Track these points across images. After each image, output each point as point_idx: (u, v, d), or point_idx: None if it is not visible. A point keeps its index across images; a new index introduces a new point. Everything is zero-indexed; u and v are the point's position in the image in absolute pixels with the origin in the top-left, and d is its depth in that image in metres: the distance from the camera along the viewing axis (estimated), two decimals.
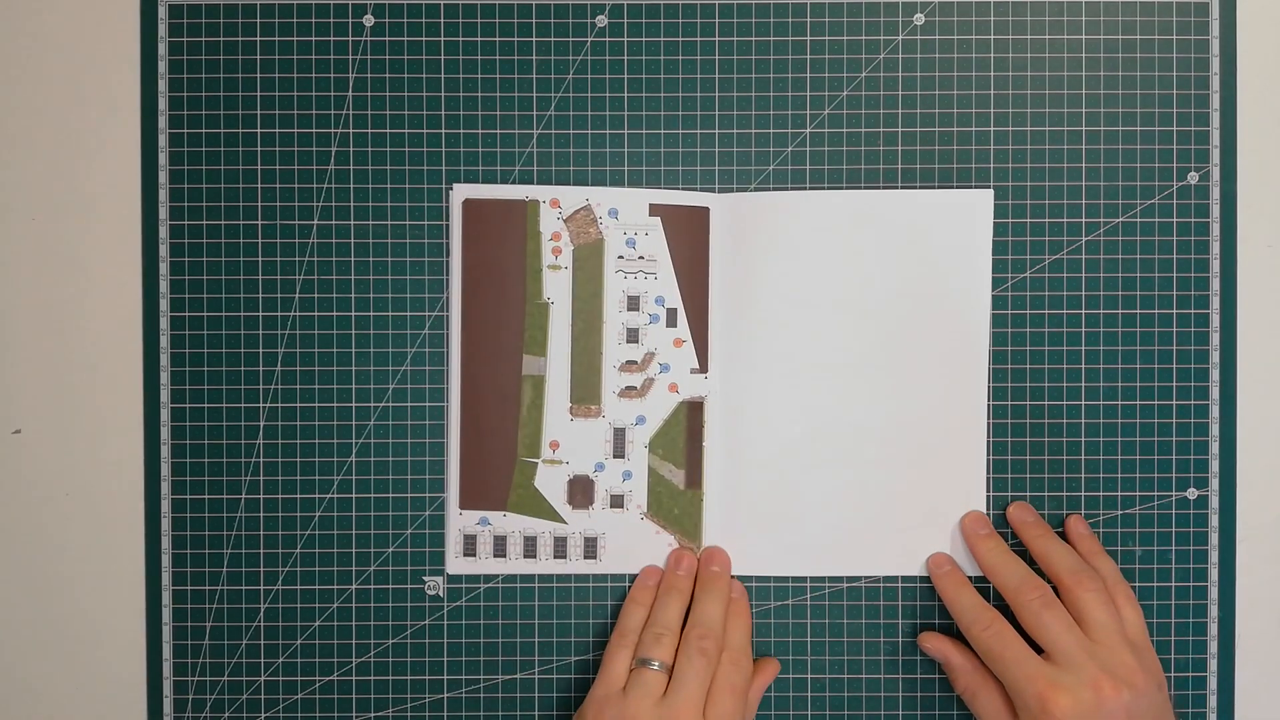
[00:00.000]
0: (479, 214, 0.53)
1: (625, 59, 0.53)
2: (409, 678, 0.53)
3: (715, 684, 0.48)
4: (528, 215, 0.53)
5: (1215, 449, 0.53)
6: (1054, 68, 0.53)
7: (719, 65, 0.53)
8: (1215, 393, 0.53)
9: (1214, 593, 0.53)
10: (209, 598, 0.53)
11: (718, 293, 0.53)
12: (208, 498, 0.53)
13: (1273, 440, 0.53)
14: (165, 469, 0.53)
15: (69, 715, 0.54)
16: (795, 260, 0.52)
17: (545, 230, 0.53)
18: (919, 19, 0.53)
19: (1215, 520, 0.53)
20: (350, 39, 0.53)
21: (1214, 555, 0.53)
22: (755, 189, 0.53)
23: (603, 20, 0.53)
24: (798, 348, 0.53)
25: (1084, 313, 0.53)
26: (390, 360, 0.53)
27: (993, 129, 0.53)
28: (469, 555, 0.53)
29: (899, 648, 0.53)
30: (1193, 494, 0.53)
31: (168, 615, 0.53)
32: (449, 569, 0.53)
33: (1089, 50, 0.53)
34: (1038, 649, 0.48)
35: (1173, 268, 0.53)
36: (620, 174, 0.53)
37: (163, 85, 0.53)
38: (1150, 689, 0.47)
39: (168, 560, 0.53)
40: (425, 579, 0.53)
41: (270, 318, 0.53)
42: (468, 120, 0.53)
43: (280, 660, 0.53)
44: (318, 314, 0.53)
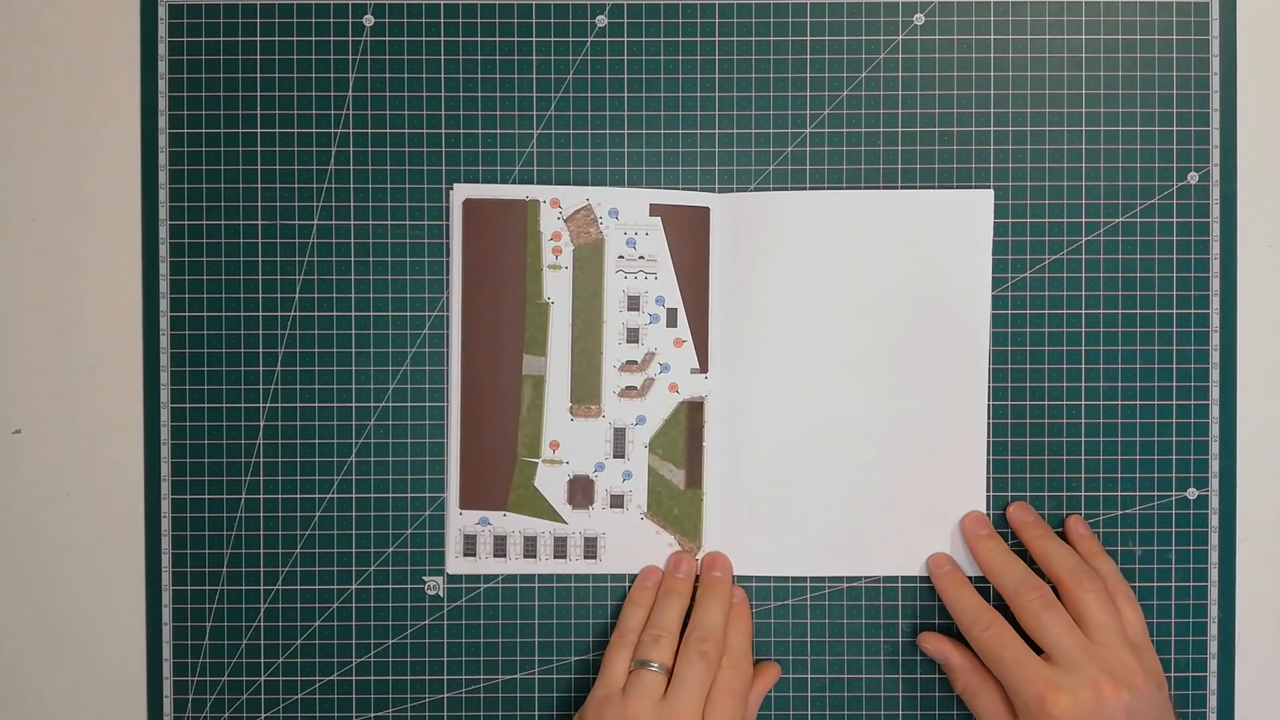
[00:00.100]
0: (479, 214, 0.53)
1: (625, 59, 0.53)
2: (409, 678, 0.53)
3: (715, 687, 0.48)
4: (528, 215, 0.53)
5: (1215, 449, 0.53)
6: (1054, 68, 0.53)
7: (719, 65, 0.53)
8: (1215, 393, 0.53)
9: (1214, 593, 0.53)
10: (209, 598, 0.53)
11: (718, 293, 0.53)
12: (208, 498, 0.53)
13: (1273, 440, 0.53)
14: (165, 469, 0.53)
15: (69, 715, 0.54)
16: (795, 260, 0.52)
17: (545, 230, 0.53)
18: (919, 19, 0.53)
19: (1215, 520, 0.53)
20: (350, 39, 0.53)
21: (1214, 555, 0.53)
22: (755, 189, 0.53)
23: (603, 20, 0.53)
24: (798, 348, 0.53)
25: (1084, 313, 0.53)
26: (390, 360, 0.53)
27: (993, 129, 0.53)
28: (469, 555, 0.53)
29: (899, 648, 0.53)
30: (1193, 494, 0.53)
31: (168, 615, 0.53)
32: (449, 569, 0.53)
33: (1089, 50, 0.53)
34: (1038, 650, 0.48)
35: (1173, 268, 0.53)
36: (620, 174, 0.53)
37: (163, 85, 0.53)
38: (1150, 689, 0.47)
39: (168, 560, 0.53)
40: (425, 579, 0.53)
41: (270, 318, 0.53)
42: (468, 120, 0.53)
43: (280, 660, 0.53)
44: (318, 314, 0.53)
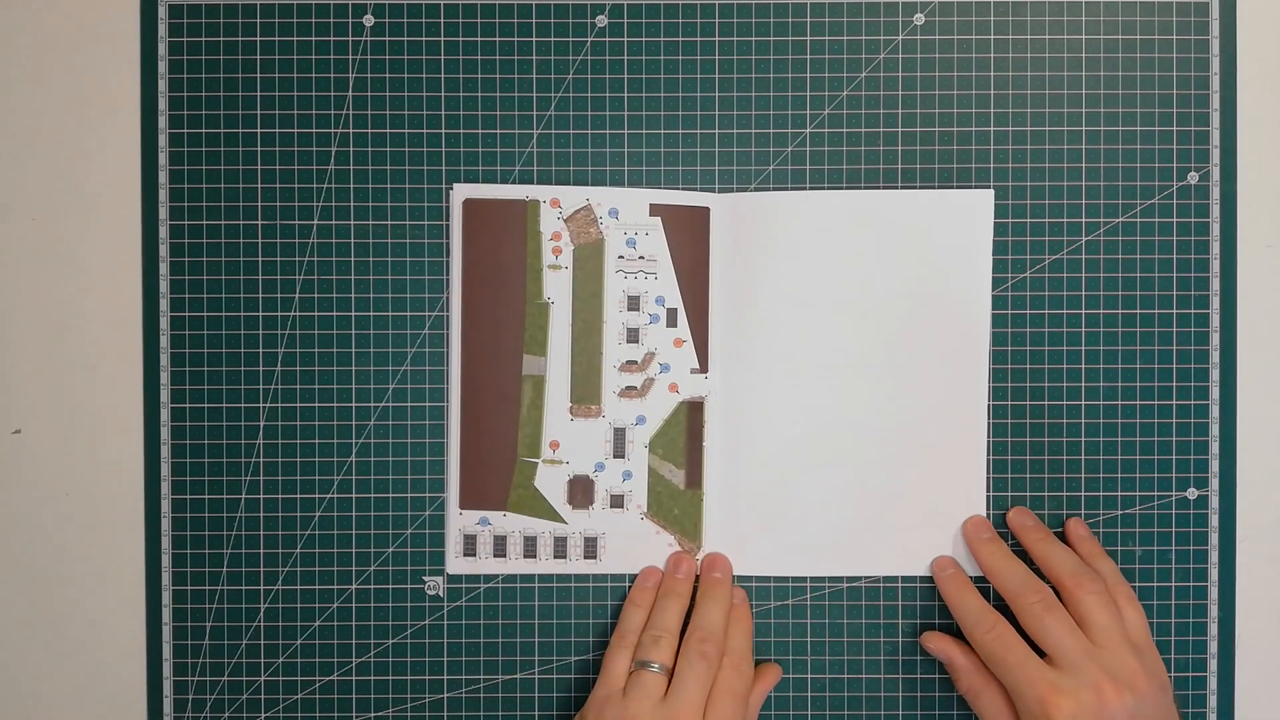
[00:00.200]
0: (479, 214, 0.53)
1: (625, 59, 0.53)
2: (409, 678, 0.53)
3: (716, 688, 0.48)
4: (528, 215, 0.53)
5: (1215, 449, 0.53)
6: (1054, 68, 0.53)
7: (719, 65, 0.53)
8: (1215, 393, 0.53)
9: (1214, 593, 0.53)
10: (209, 598, 0.53)
11: (718, 293, 0.53)
12: (208, 498, 0.53)
13: (1273, 440, 0.53)
14: (165, 469, 0.53)
15: (69, 715, 0.54)
16: (795, 260, 0.52)
17: (545, 230, 0.53)
18: (919, 19, 0.53)
19: (1215, 520, 0.53)
20: (350, 39, 0.53)
21: (1214, 555, 0.53)
22: (755, 189, 0.53)
23: (603, 20, 0.53)
24: (798, 348, 0.53)
25: (1084, 313, 0.53)
26: (390, 360, 0.53)
27: (993, 129, 0.53)
28: (469, 555, 0.53)
29: (899, 648, 0.53)
30: (1193, 494, 0.53)
31: (168, 615, 0.53)
32: (449, 569, 0.53)
33: (1089, 50, 0.53)
34: (1041, 652, 0.48)
35: (1173, 268, 0.53)
36: (620, 174, 0.53)
37: (163, 85, 0.53)
38: (1153, 692, 0.47)
39: (168, 560, 0.53)
40: (425, 579, 0.53)
41: (270, 318, 0.53)
42: (468, 120, 0.53)
43: (280, 660, 0.53)
44: (318, 314, 0.53)
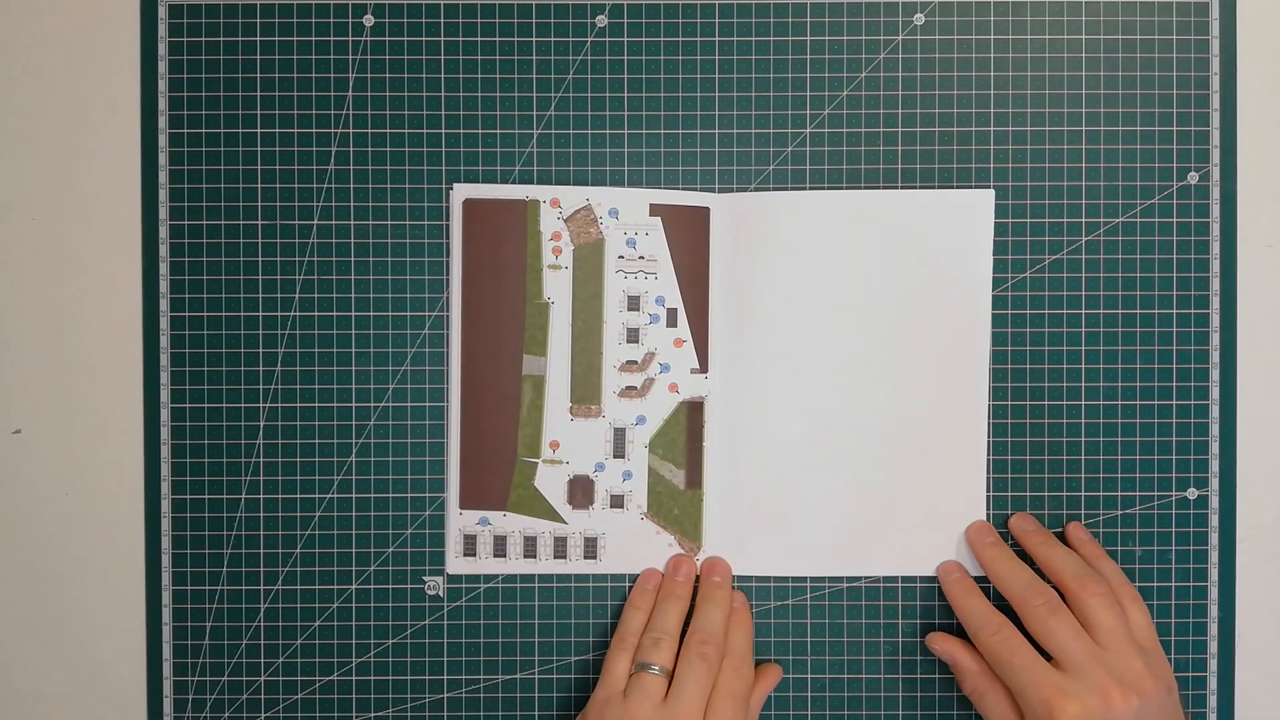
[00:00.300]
0: (479, 214, 0.53)
1: (625, 59, 0.53)
2: (409, 678, 0.53)
3: (716, 690, 0.48)
4: (528, 215, 0.53)
5: (1215, 449, 0.53)
6: (1054, 68, 0.53)
7: (719, 65, 0.53)
8: (1215, 393, 0.53)
9: (1214, 593, 0.53)
10: (209, 598, 0.53)
11: (718, 293, 0.53)
12: (208, 498, 0.53)
13: (1273, 440, 0.53)
14: (165, 469, 0.53)
15: (69, 715, 0.54)
16: (795, 260, 0.52)
17: (545, 230, 0.53)
18: (919, 19, 0.53)
19: (1215, 520, 0.53)
20: (350, 39, 0.53)
21: (1214, 555, 0.53)
22: (755, 189, 0.53)
23: (603, 20, 0.53)
24: (798, 348, 0.53)
25: (1084, 313, 0.53)
26: (390, 360, 0.53)
27: (993, 129, 0.53)
28: (469, 555, 0.53)
29: (899, 648, 0.53)
30: (1193, 494, 0.53)
31: (168, 615, 0.53)
32: (449, 569, 0.53)
33: (1089, 50, 0.53)
34: (1047, 656, 0.48)
35: (1173, 268, 0.53)
36: (620, 174, 0.53)
37: (163, 85, 0.53)
38: (1159, 694, 0.47)
39: (168, 560, 0.53)
40: (425, 579, 0.53)
41: (270, 318, 0.53)
42: (468, 120, 0.53)
43: (280, 660, 0.53)
44: (318, 314, 0.53)
